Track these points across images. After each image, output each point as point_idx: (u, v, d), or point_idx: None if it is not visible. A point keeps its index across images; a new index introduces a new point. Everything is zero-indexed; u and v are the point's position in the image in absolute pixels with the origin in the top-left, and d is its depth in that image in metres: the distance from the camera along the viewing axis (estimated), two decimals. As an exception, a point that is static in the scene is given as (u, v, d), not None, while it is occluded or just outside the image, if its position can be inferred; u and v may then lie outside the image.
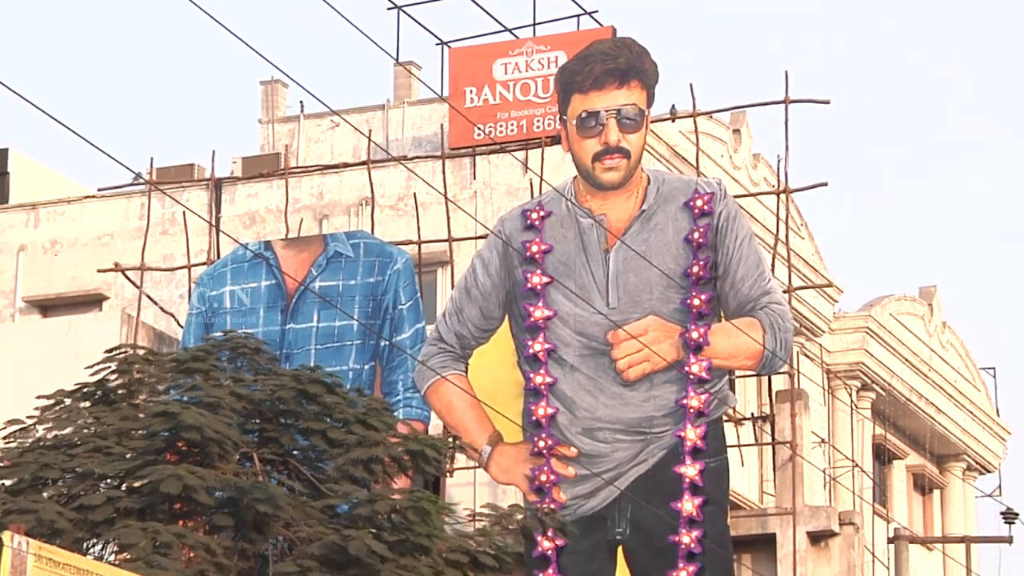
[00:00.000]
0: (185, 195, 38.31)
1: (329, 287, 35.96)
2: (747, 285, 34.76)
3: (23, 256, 40.23)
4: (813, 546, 36.42)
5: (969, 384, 47.24)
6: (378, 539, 25.12)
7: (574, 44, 36.91)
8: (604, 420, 34.46)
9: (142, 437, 25.86)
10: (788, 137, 37.40)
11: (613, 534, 33.98)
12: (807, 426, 38.37)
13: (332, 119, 39.81)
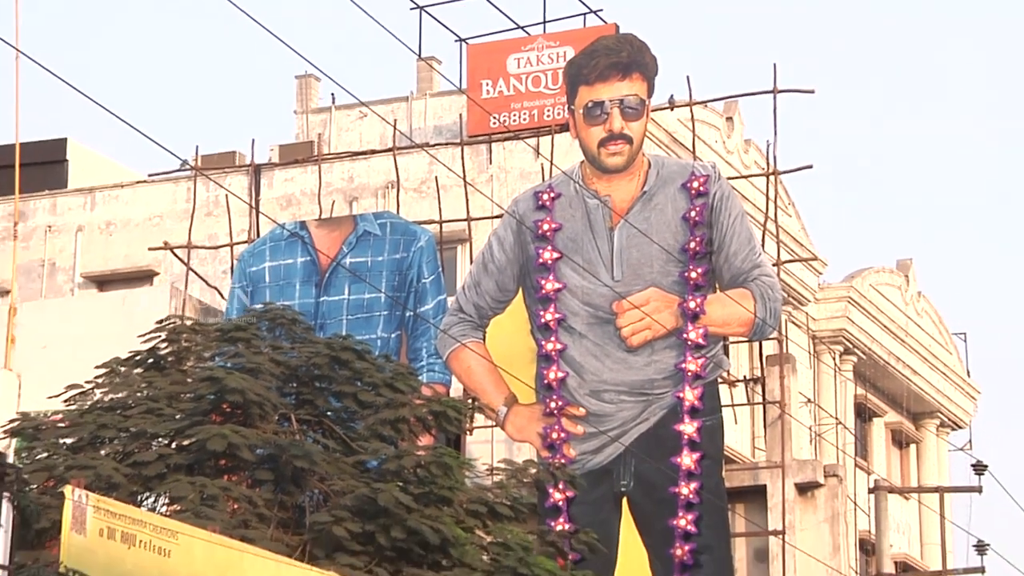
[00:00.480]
0: (227, 180, 38.34)
1: (359, 263, 35.99)
2: (739, 259, 34.80)
3: (81, 236, 40.29)
4: (800, 496, 36.47)
5: (942, 348, 47.23)
6: (405, 491, 25.15)
7: (581, 40, 36.92)
8: (610, 383, 34.51)
9: (190, 400, 25.92)
10: (776, 124, 37.51)
11: (618, 486, 34.03)
12: (794, 387, 38.38)
13: (360, 110, 39.79)
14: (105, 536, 18.11)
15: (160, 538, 19.12)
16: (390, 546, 24.80)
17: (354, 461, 25.81)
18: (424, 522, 25.04)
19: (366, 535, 24.58)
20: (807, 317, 41.22)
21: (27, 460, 24.46)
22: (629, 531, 33.91)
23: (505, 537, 27.19)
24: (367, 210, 37.57)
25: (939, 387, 46.59)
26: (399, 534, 24.83)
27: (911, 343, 45.18)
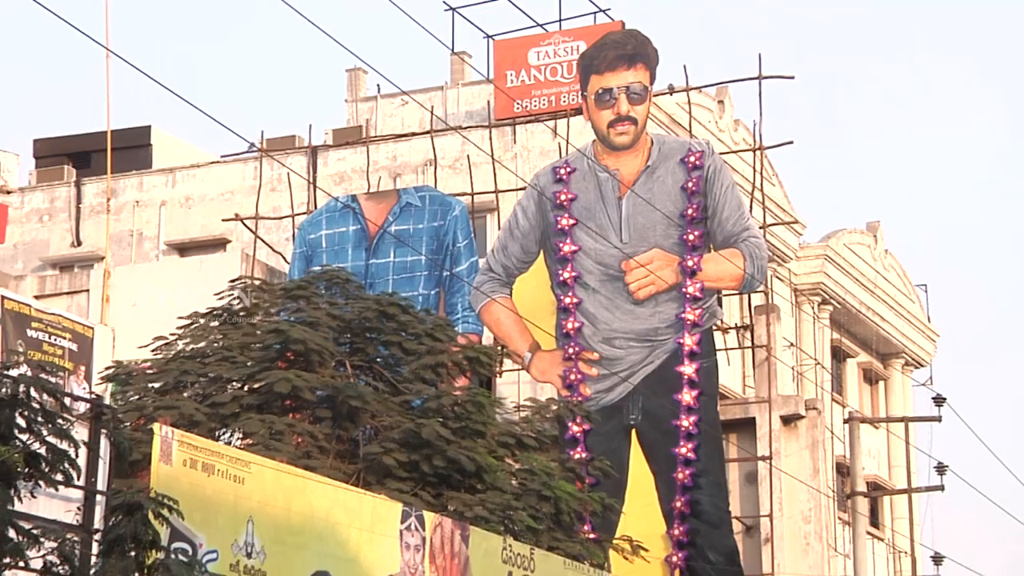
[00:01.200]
0: (289, 159, 38.42)
1: (402, 230, 36.07)
2: (731, 223, 34.89)
3: (164, 210, 40.43)
4: (784, 427, 36.58)
5: (906, 297, 47.17)
6: (444, 426, 25.29)
7: (592, 35, 36.94)
8: (619, 331, 34.63)
9: (259, 349, 26.05)
10: (761, 106, 37.61)
11: (628, 420, 34.17)
12: (779, 333, 38.43)
13: (402, 98, 39.82)
14: (188, 466, 18.30)
15: (235, 467, 19.30)
16: (432, 473, 24.94)
17: (400, 400, 25.96)
18: (461, 452, 25.19)
19: (411, 464, 24.74)
20: (789, 272, 41.23)
21: (121, 402, 24.64)
22: (637, 458, 34.04)
23: (531, 464, 27.35)
24: (409, 184, 37.66)
25: (904, 331, 46.58)
26: (440, 463, 24.98)
27: (879, 293, 45.17)
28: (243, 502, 18.95)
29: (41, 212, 41.15)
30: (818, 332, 42.44)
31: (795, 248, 41.49)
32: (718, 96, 39.94)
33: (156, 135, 42.48)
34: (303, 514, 20.01)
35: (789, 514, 36.32)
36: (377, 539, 21.08)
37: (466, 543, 22.65)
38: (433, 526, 22.09)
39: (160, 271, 37.20)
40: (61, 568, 12.80)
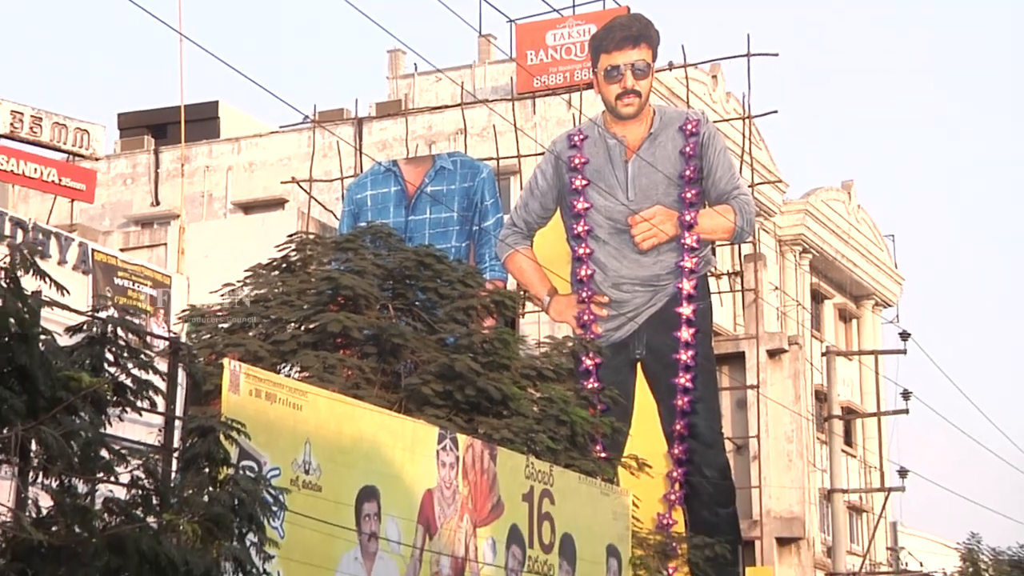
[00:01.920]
0: (338, 129, 38.38)
1: (437, 190, 36.08)
2: (723, 182, 34.85)
3: (230, 174, 40.49)
4: (770, 359, 36.60)
5: (876, 246, 47.07)
6: (474, 360, 25.37)
7: (601, 19, 36.84)
8: (626, 277, 34.64)
9: (313, 295, 26.12)
10: (750, 80, 37.54)
11: (634, 355, 34.19)
12: (765, 278, 38.41)
13: (436, 75, 39.75)
14: (253, 395, 18.41)
15: (294, 396, 19.40)
16: (464, 401, 25.04)
17: (436, 339, 26.05)
18: (489, 383, 25.27)
19: (446, 393, 24.83)
20: (774, 225, 41.18)
21: (195, 340, 24.76)
22: (642, 388, 34.07)
23: (549, 393, 27.44)
24: (442, 151, 37.62)
25: (873, 276, 46.52)
26: (471, 392, 25.07)
27: (852, 243, 45.09)
28: (301, 426, 19.06)
29: (124, 176, 41.24)
30: (799, 277, 42.43)
31: (779, 204, 41.43)
32: (711, 72, 39.84)
33: (223, 109, 42.51)
34: (353, 436, 20.12)
35: (774, 435, 36.40)
36: (417, 458, 21.19)
37: (494, 461, 22.76)
38: (465, 447, 22.20)
39: (227, 227, 37.30)
40: (146, 482, 12.89)
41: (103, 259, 29.29)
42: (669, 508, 33.09)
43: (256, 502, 13.32)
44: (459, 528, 21.72)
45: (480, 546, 22.12)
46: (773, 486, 36.07)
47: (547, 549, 23.69)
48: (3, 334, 11.44)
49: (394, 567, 20.34)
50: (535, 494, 23.52)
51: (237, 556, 12.95)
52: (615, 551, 25.70)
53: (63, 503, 11.89)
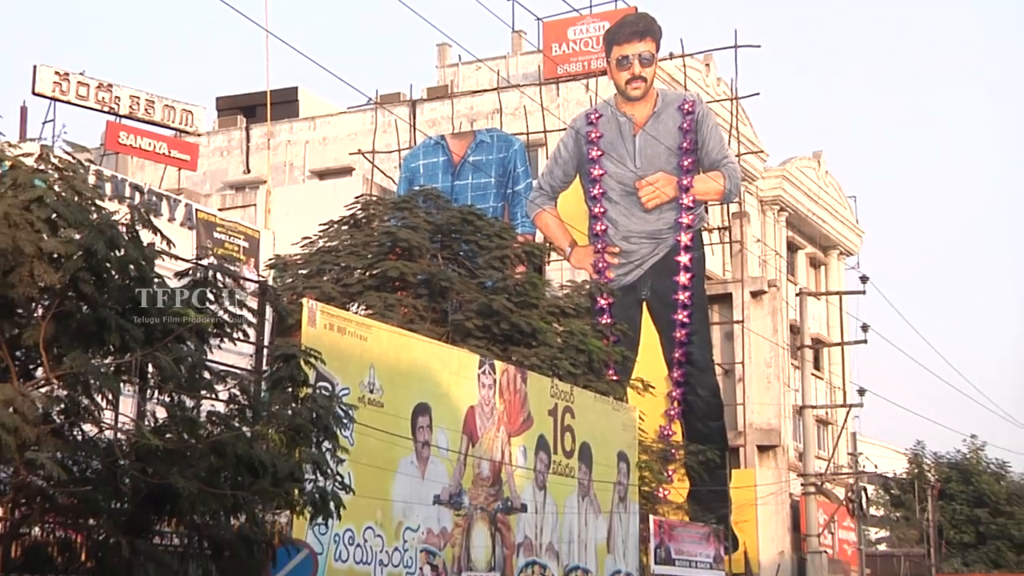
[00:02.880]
0: (396, 110, 38.39)
1: (477, 160, 36.07)
2: (714, 153, 34.81)
3: (307, 147, 40.52)
4: (753, 299, 36.59)
5: (840, 206, 46.80)
6: (508, 300, 25.47)
7: (613, 17, 36.67)
8: (634, 231, 34.64)
9: (376, 246, 26.23)
10: (737, 67, 37.43)
11: (640, 295, 34.22)
12: (749, 232, 38.33)
13: (476, 64, 39.66)
14: (327, 328, 18.52)
15: (360, 329, 19.51)
16: (500, 334, 25.15)
17: (477, 282, 26.14)
18: (520, 319, 25.38)
19: (485, 327, 24.95)
20: (756, 188, 40.99)
21: (279, 283, 24.92)
22: (647, 322, 34.13)
23: (570, 328, 27.54)
24: (482, 127, 37.59)
25: (839, 230, 46.30)
26: (505, 326, 25.19)
27: (821, 203, 44.85)
28: (366, 354, 19.18)
29: (221, 149, 41.33)
30: (777, 231, 42.29)
31: (760, 171, 41.24)
32: (705, 60, 39.60)
33: (302, 93, 42.50)
34: (408, 362, 20.24)
35: (755, 361, 36.44)
36: (461, 380, 21.31)
37: (525, 383, 22.88)
38: (501, 371, 22.31)
39: (305, 191, 37.39)
40: (241, 399, 13.01)
41: (204, 217, 29.45)
42: (669, 421, 33.24)
43: (330, 416, 13.42)
44: (496, 438, 21.87)
45: (513, 452, 22.26)
46: (754, 403, 36.17)
47: (568, 455, 23.84)
48: (125, 277, 11.56)
49: (443, 469, 20.50)
50: (559, 410, 23.65)
51: (315, 460, 13.06)
52: (624, 456, 25.86)
53: (174, 415, 12.03)
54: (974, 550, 48.38)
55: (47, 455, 10.22)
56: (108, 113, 31.33)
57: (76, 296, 11.02)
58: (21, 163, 11.05)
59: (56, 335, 10.89)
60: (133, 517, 11.64)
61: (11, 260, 10.36)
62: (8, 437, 9.54)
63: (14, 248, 10.28)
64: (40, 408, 10.11)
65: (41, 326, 10.81)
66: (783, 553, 35.68)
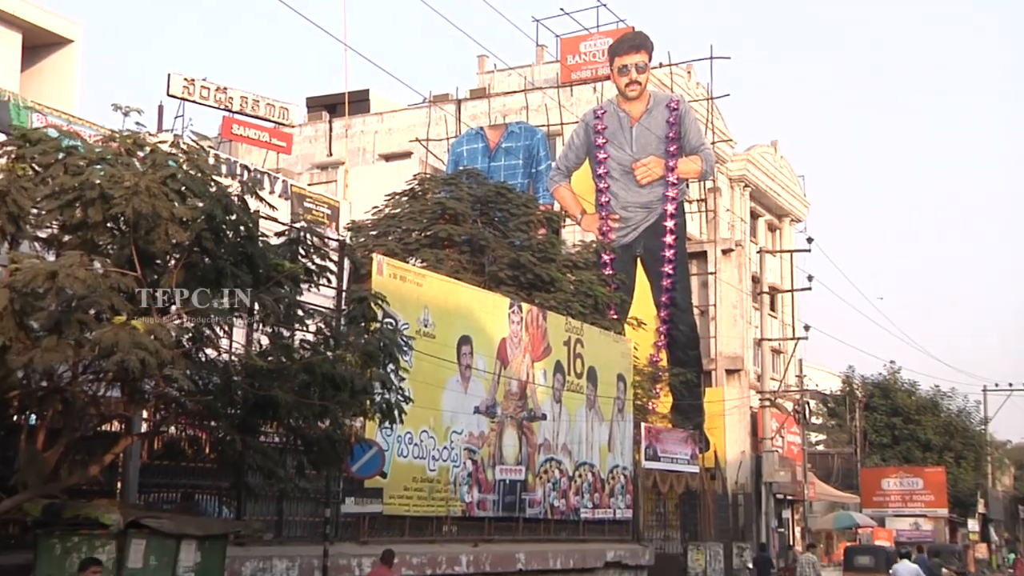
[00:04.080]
0: (446, 107, 38.32)
1: (508, 146, 35.98)
2: (694, 141, 34.63)
3: (376, 136, 40.49)
4: (723, 255, 36.53)
5: (792, 183, 46.47)
6: (532, 255, 25.49)
7: (616, 34, 36.39)
8: (631, 203, 34.51)
9: (429, 213, 26.24)
10: (712, 74, 37.66)
11: (635, 252, 34.12)
12: (721, 203, 38.21)
13: (508, 71, 39.53)
14: (391, 277, 18.63)
15: (417, 278, 19.63)
16: (526, 282, 25.20)
17: (508, 242, 26.15)
18: (542, 270, 25.41)
19: (514, 277, 24.99)
20: (726, 169, 40.76)
21: (355, 242, 25.00)
22: (640, 274, 34.00)
23: (581, 278, 27.58)
24: (512, 121, 37.50)
25: (790, 202, 45.96)
26: (530, 276, 25.23)
27: (777, 180, 44.53)
28: (421, 297, 19.30)
29: (310, 137, 41.34)
30: (742, 202, 42.10)
31: (730, 155, 41.00)
32: (687, 69, 39.30)
33: (372, 94, 42.44)
34: (455, 304, 20.36)
35: (724, 304, 36.44)
36: (495, 318, 21.43)
37: (545, 320, 22.97)
38: (526, 311, 22.41)
39: (375, 170, 37.44)
40: (325, 331, 13.09)
41: (297, 191, 29.57)
42: (657, 350, 33.30)
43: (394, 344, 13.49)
44: (523, 362, 22.00)
45: (536, 374, 22.40)
46: (723, 337, 36.22)
47: (579, 376, 23.97)
48: (237, 236, 11.66)
49: (481, 387, 20.66)
50: (572, 341, 23.75)
51: (382, 378, 13.15)
52: (623, 377, 25.97)
53: (275, 342, 12.15)
54: (890, 449, 49.12)
55: (180, 372, 10.39)
56: (223, 110, 31.47)
57: (200, 251, 11.13)
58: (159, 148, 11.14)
59: (185, 280, 11.01)
60: (244, 420, 11.79)
61: (151, 222, 10.48)
62: (151, 358, 9.69)
63: (153, 213, 10.41)
64: (174, 336, 10.25)
65: (173, 274, 10.94)
66: (744, 452, 35.85)
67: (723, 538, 30.53)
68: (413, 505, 18.55)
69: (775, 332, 41.52)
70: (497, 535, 20.50)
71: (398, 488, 18.07)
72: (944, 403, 52.20)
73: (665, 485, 27.59)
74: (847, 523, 41.52)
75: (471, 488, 20.10)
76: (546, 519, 22.27)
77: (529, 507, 21.71)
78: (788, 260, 43.69)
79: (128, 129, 11.40)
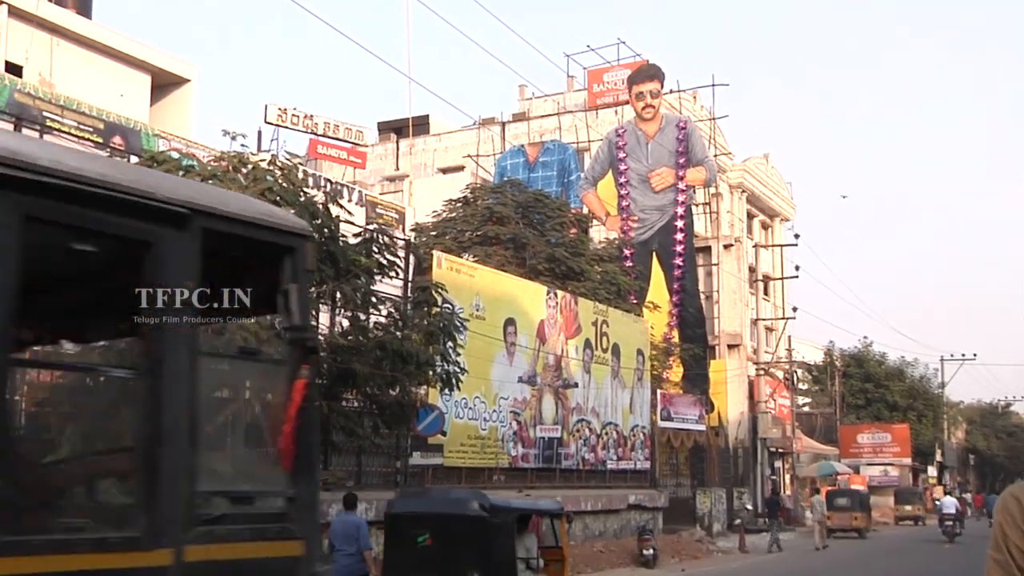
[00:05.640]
0: (492, 128, 38.11)
1: (545, 160, 35.72)
2: (699, 154, 34.09)
3: (435, 153, 40.33)
4: (725, 250, 35.97)
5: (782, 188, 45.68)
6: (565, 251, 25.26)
7: (633, 66, 35.81)
8: (647, 206, 33.89)
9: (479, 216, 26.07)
10: (714, 98, 37.27)
11: (652, 247, 33.37)
12: (723, 206, 37.61)
13: (544, 98, 39.22)
14: (449, 270, 18.55)
15: (469, 270, 19.55)
16: (560, 273, 25.00)
17: (545, 240, 25.96)
18: (573, 263, 25.18)
19: (550, 268, 24.77)
20: (727, 177, 40.14)
21: (418, 241, 24.85)
22: (656, 266, 33.52)
23: (606, 269, 27.30)
24: (548, 139, 37.21)
25: (780, 204, 45.20)
26: (564, 268, 25.00)
27: (768, 187, 43.81)
28: (474, 287, 19.22)
29: (380, 155, 41.19)
30: (740, 205, 41.51)
31: (729, 166, 40.41)
32: (692, 94, 38.71)
33: (432, 118, 42.32)
34: (501, 292, 20.26)
35: (726, 290, 35.96)
36: (535, 303, 21.30)
37: (576, 305, 22.82)
38: (561, 297, 22.26)
39: (434, 182, 37.35)
40: (395, 314, 13.07)
41: (370, 199, 29.54)
42: (670, 329, 32.90)
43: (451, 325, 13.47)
44: (558, 340, 21.89)
45: (569, 349, 22.28)
46: (725, 317, 35.77)
47: (605, 351, 23.81)
48: (322, 237, 11.63)
49: (524, 360, 20.56)
50: (599, 322, 23.60)
51: (442, 353, 13.13)
52: (641, 352, 25.77)
53: (353, 324, 12.13)
54: (863, 410, 49.22)
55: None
56: (310, 133, 31.46)
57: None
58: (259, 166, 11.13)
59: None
60: (329, 388, 11.78)
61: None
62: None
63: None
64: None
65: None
66: (743, 413, 35.47)
67: (725, 484, 30.35)
68: (468, 458, 18.54)
69: (768, 313, 41.02)
70: (538, 483, 20.43)
71: (455, 444, 18.04)
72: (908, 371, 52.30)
73: (677, 441, 27.39)
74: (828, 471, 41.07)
75: (516, 444, 20.06)
76: (578, 469, 22.21)
77: (564, 460, 21.64)
78: (779, 253, 43.07)
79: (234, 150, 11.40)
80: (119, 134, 21.02)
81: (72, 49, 23.39)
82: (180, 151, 15.56)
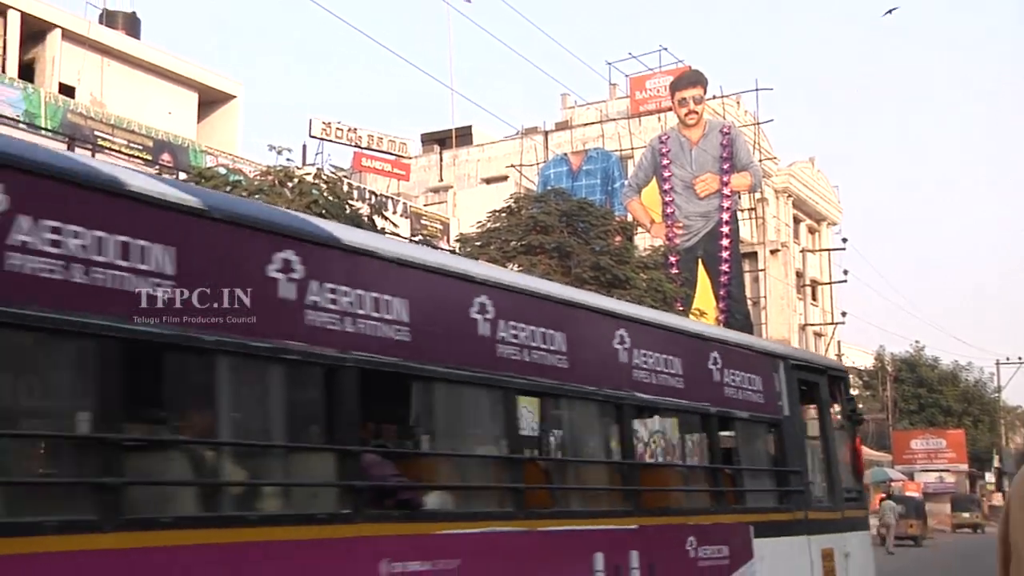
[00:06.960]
0: (536, 137, 38.02)
1: (588, 168, 35.54)
2: (744, 159, 33.74)
3: (479, 163, 40.37)
4: (771, 255, 35.63)
5: (828, 192, 45.06)
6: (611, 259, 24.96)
7: (676, 73, 35.66)
8: (692, 213, 33.66)
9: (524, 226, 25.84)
10: (758, 103, 36.53)
11: (697, 253, 33.12)
12: (768, 211, 37.15)
13: (586, 106, 39.03)
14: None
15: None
16: (605, 281, 24.67)
17: (589, 248, 25.66)
18: (619, 271, 24.84)
19: (595, 277, 24.44)
20: (772, 182, 39.68)
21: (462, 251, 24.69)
22: (702, 272, 33.10)
23: (652, 276, 26.91)
24: (591, 147, 37.03)
25: (826, 208, 44.57)
26: (609, 276, 24.64)
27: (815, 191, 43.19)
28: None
29: (424, 166, 41.35)
30: (786, 210, 40.98)
31: (774, 171, 39.92)
32: (736, 99, 38.35)
33: (475, 129, 42.36)
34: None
35: (773, 296, 35.48)
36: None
37: (622, 312, 22.48)
38: (607, 304, 21.94)
39: (478, 192, 37.35)
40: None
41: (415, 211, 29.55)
42: (716, 335, 32.55)
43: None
44: (605, 347, 21.54)
45: (616, 357, 21.92)
46: (772, 323, 35.25)
47: (651, 358, 23.43)
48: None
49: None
50: (645, 329, 23.22)
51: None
52: (688, 359, 25.30)
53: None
54: (916, 415, 48.45)
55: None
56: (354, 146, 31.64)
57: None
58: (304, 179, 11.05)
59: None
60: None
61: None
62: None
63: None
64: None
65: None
66: (793, 420, 34.89)
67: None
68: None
69: (816, 318, 40.36)
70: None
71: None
72: (963, 375, 51.25)
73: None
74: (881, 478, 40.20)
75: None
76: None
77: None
78: (826, 257, 42.34)
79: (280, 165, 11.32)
80: (168, 151, 21.22)
81: (121, 69, 23.70)
82: (227, 167, 15.57)
